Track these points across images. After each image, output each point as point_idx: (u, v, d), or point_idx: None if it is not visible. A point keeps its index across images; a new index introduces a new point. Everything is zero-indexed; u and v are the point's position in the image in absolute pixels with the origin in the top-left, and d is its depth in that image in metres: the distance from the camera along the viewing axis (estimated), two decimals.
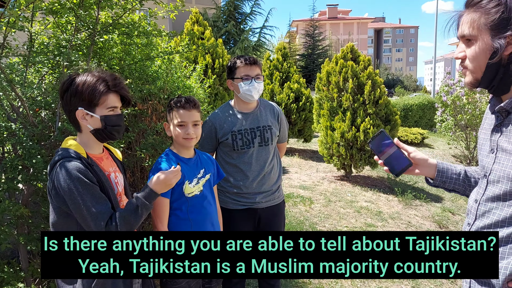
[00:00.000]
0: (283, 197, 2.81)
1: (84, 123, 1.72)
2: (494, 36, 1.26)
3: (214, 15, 20.99)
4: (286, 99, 9.05)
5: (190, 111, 2.15)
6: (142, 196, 1.75)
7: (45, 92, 2.37)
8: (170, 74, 3.10)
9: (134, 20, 2.77)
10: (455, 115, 10.21)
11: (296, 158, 9.35)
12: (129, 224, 1.69)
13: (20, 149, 2.18)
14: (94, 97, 1.69)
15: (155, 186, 1.79)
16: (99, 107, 1.72)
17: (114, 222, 1.65)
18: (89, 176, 1.63)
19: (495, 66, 1.28)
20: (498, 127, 1.37)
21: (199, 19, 8.26)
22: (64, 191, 1.58)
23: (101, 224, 1.61)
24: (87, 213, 1.60)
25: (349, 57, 7.55)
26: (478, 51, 1.31)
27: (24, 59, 2.36)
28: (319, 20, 51.56)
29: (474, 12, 1.30)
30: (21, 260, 2.41)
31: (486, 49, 1.29)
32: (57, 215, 1.66)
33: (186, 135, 2.13)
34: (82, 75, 1.73)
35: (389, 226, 5.53)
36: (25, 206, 2.28)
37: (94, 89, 1.69)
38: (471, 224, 1.43)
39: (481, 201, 1.40)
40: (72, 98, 1.69)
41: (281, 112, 2.80)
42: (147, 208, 1.75)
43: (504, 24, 1.25)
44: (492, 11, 1.26)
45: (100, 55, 2.80)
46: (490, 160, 1.39)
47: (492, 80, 1.32)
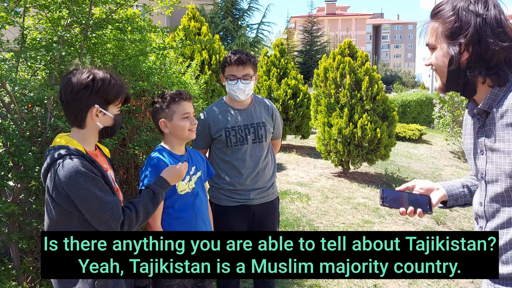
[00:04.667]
0: (277, 193, 2.78)
1: (96, 120, 1.71)
2: (449, 44, 1.34)
3: (211, 11, 20.91)
4: (284, 95, 9.00)
5: (189, 103, 2.17)
6: (157, 185, 1.83)
7: (37, 88, 2.32)
8: (164, 70, 3.05)
9: (128, 15, 2.72)
10: (453, 111, 10.19)
11: (294, 155, 9.32)
12: (147, 212, 1.75)
13: (10, 146, 2.13)
14: (117, 96, 1.72)
15: (169, 178, 1.88)
16: (112, 106, 1.74)
17: (132, 210, 1.69)
18: (94, 171, 1.63)
19: (455, 72, 1.35)
20: (481, 129, 1.40)
21: (195, 15, 8.20)
22: (70, 188, 1.55)
23: (119, 212, 1.62)
24: (101, 205, 1.58)
25: (346, 53, 7.51)
26: (438, 58, 1.39)
27: (16, 54, 2.31)
28: (317, 16, 51.42)
29: (435, 22, 1.39)
30: (12, 258, 2.37)
31: (444, 56, 1.37)
32: (58, 214, 1.62)
33: (193, 126, 2.14)
34: (103, 72, 1.70)
35: (386, 223, 5.50)
36: (16, 203, 2.24)
37: (120, 88, 1.73)
38: (484, 227, 1.42)
39: (485, 203, 1.40)
40: (92, 95, 1.66)
41: (276, 109, 2.76)
42: (162, 197, 1.84)
43: (457, 32, 1.32)
44: (448, 20, 1.34)
45: (94, 50, 2.75)
46: (482, 161, 1.40)
47: (457, 85, 1.38)
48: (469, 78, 1.34)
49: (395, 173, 8.23)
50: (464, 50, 1.32)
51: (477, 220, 1.46)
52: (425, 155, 10.93)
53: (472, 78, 1.34)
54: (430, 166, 9.64)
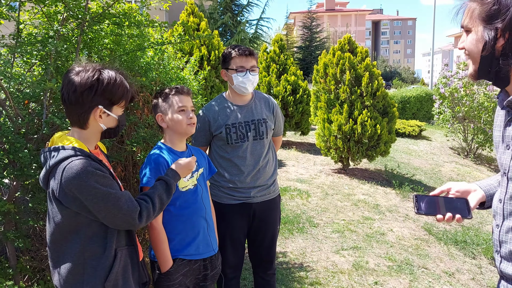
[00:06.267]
0: (278, 191, 2.74)
1: (99, 122, 1.65)
2: (485, 28, 1.25)
3: (210, 7, 20.80)
4: (283, 91, 8.95)
5: (187, 97, 2.13)
6: (170, 176, 1.83)
7: (33, 83, 2.28)
8: (163, 66, 3.01)
9: (126, 9, 2.68)
10: (453, 107, 10.16)
11: (293, 151, 9.28)
12: (162, 203, 1.76)
13: (5, 143, 2.09)
14: (122, 96, 1.68)
15: (179, 169, 1.89)
16: (116, 106, 1.69)
17: (148, 200, 1.69)
18: (103, 170, 1.59)
19: (488, 59, 1.27)
20: (510, 122, 1.32)
21: (194, 10, 8.14)
22: (81, 190, 1.50)
23: (134, 204, 1.62)
24: (116, 200, 1.56)
25: (346, 48, 7.46)
26: (472, 42, 1.30)
27: (11, 49, 2.27)
28: (317, 12, 51.30)
29: (473, 2, 1.29)
30: (9, 257, 2.33)
31: (478, 40, 1.28)
32: (65, 217, 1.57)
33: (189, 119, 2.09)
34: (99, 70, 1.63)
35: (386, 219, 5.48)
36: (11, 202, 2.20)
37: (125, 88, 1.68)
38: (500, 225, 1.36)
39: (505, 200, 1.34)
40: (95, 96, 1.60)
41: (276, 105, 2.72)
42: (175, 188, 1.85)
43: (495, 16, 1.23)
44: (486, 2, 1.24)
45: (91, 46, 2.71)
46: (507, 157, 1.34)
47: (488, 73, 1.30)
48: (502, 67, 1.26)
49: (395, 170, 8.21)
50: (500, 36, 1.23)
51: (494, 217, 1.41)
52: (425, 151, 10.90)
53: (504, 67, 1.26)
54: (430, 162, 9.62)
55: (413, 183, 7.36)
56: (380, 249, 4.52)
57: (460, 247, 5.00)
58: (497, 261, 1.40)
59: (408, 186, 6.81)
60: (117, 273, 1.64)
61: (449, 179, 8.07)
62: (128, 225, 1.63)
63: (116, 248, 1.65)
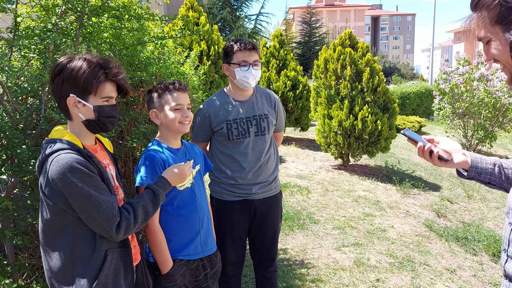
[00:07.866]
0: (280, 188, 2.70)
1: (76, 112, 1.59)
2: (505, 30, 1.20)
3: (209, 2, 20.70)
4: (283, 87, 8.90)
5: (184, 94, 2.06)
6: (159, 186, 1.75)
7: (31, 77, 2.24)
8: (163, 60, 2.97)
9: (125, 2, 2.64)
10: (453, 103, 10.13)
11: (293, 147, 9.25)
12: (146, 214, 1.65)
13: (3, 138, 2.05)
14: (90, 85, 1.56)
15: (171, 178, 1.80)
16: (93, 96, 1.59)
17: (131, 211, 1.59)
18: (90, 167, 1.52)
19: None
20: None
21: (194, 4, 8.08)
22: (64, 185, 1.45)
23: (114, 213, 1.52)
24: (95, 205, 1.48)
25: (347, 43, 7.41)
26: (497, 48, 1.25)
27: (8, 43, 2.23)
28: (316, 7, 51.05)
29: (480, 12, 1.25)
30: (7, 255, 2.30)
31: (502, 44, 1.22)
32: (51, 213, 1.52)
33: (184, 118, 2.03)
34: (78, 59, 1.58)
35: (387, 216, 5.46)
36: (10, 198, 2.16)
37: (91, 77, 1.55)
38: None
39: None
40: (64, 83, 1.55)
41: (278, 100, 2.68)
42: (163, 198, 1.75)
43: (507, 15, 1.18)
44: (492, 6, 1.20)
45: (90, 39, 2.67)
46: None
47: None
48: None
49: (395, 166, 8.18)
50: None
51: (507, 214, 1.38)
52: None
53: None
54: None
55: (414, 179, 7.33)
56: (381, 246, 4.50)
57: (461, 243, 4.98)
58: (502, 259, 1.37)
59: (408, 182, 6.79)
60: (106, 276, 1.57)
61: (449, 175, 8.05)
62: (105, 234, 1.54)
63: (106, 250, 1.58)
